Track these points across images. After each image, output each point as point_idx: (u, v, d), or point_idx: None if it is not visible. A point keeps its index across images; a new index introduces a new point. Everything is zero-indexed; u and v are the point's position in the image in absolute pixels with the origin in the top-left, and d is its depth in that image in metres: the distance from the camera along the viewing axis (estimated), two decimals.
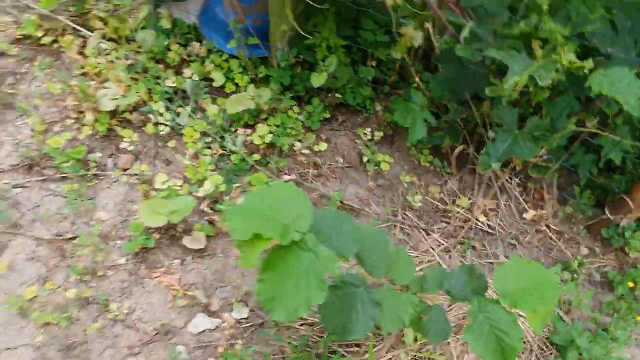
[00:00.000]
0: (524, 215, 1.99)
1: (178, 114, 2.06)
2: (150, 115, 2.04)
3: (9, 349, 1.52)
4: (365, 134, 2.11)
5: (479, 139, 1.96)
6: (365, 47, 2.17)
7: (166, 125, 2.02)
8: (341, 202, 1.90)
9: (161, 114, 2.03)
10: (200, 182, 1.83)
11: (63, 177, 1.87)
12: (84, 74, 2.16)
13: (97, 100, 1.95)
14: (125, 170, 1.92)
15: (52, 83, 2.11)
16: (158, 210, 1.63)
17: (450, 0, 1.56)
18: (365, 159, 2.01)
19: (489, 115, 1.86)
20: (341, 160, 2.06)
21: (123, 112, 2.01)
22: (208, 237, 1.76)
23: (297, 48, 2.08)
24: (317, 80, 1.92)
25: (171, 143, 1.99)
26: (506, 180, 1.97)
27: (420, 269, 1.76)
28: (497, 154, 1.58)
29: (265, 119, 2.06)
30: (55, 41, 2.25)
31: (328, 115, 2.14)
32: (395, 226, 1.90)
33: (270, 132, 1.94)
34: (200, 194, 1.78)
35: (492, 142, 1.62)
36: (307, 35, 2.01)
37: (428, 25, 1.79)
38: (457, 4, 1.60)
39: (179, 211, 1.62)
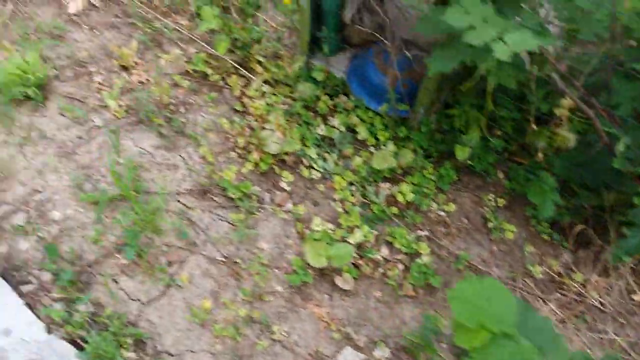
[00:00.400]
0: (633, 296, 2.17)
1: (324, 159, 2.37)
2: (303, 159, 2.35)
3: (191, 351, 1.85)
4: (489, 199, 2.34)
5: (602, 223, 2.16)
6: (496, 119, 2.41)
7: (317, 170, 2.32)
8: (468, 262, 2.15)
9: (313, 159, 2.34)
10: (350, 229, 2.12)
11: (230, 205, 2.20)
12: (245, 112, 2.50)
13: (262, 141, 2.27)
14: (279, 206, 2.24)
15: (218, 117, 2.46)
16: (320, 252, 1.93)
17: (606, 110, 1.78)
18: (490, 225, 2.25)
19: (616, 204, 2.06)
20: (466, 221, 2.31)
21: (281, 153, 2.33)
22: (353, 278, 2.04)
23: (438, 115, 2.34)
24: (462, 153, 2.18)
25: (320, 187, 2.29)
26: (621, 263, 2.16)
27: None
28: (630, 250, 1.79)
29: (403, 175, 2.33)
30: (222, 79, 2.60)
31: (455, 177, 2.39)
32: (514, 290, 2.13)
33: (412, 192, 2.21)
34: (351, 240, 2.07)
35: (624, 238, 1.83)
36: (449, 107, 2.28)
37: (564, 114, 2.02)
38: (611, 114, 1.82)
39: (340, 257, 1.91)
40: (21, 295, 1.86)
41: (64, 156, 2.26)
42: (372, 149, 2.42)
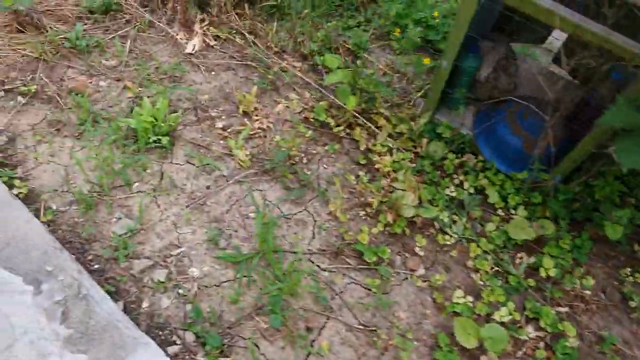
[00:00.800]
0: None
1: (454, 222, 2.32)
2: (434, 222, 2.31)
3: None
4: (626, 274, 2.27)
5: None
6: (630, 186, 2.34)
7: (448, 234, 2.28)
8: (613, 344, 2.08)
9: (444, 222, 2.30)
10: (491, 304, 2.08)
11: (364, 268, 2.18)
12: (369, 166, 2.48)
13: (397, 203, 2.24)
14: (412, 271, 2.21)
15: (343, 171, 2.45)
16: (469, 331, 1.89)
17: None
18: (633, 304, 2.18)
19: None
20: (602, 296, 2.24)
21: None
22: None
23: (580, 186, 2.27)
24: (613, 233, 2.12)
25: (452, 252, 2.25)
26: None
27: None
28: None
29: (537, 244, 2.27)
30: (343, 130, 2.59)
31: (589, 248, 2.32)
32: None
33: (555, 267, 2.15)
34: (496, 317, 2.02)
35: None
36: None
37: None
38: None
39: (494, 342, 1.87)
40: (170, 357, 1.87)
41: (196, 208, 2.27)
42: (500, 211, 2.37)
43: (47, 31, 2.75)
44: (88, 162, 2.32)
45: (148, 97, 2.58)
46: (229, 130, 2.57)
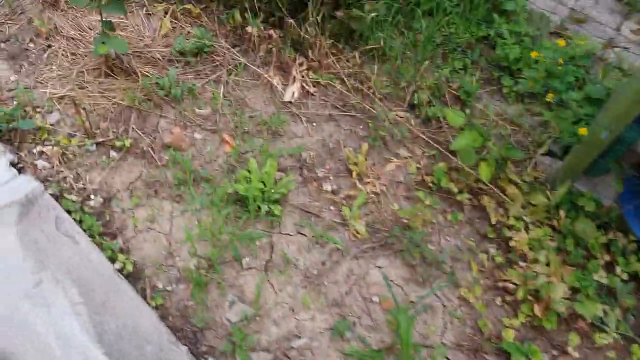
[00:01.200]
0: None
1: (605, 313, 2.07)
2: (584, 314, 2.07)
3: None
4: None
5: None
6: None
7: (604, 331, 2.03)
8: None
9: (595, 316, 2.05)
10: None
11: None
12: (499, 240, 2.25)
13: (544, 292, 2.01)
14: None
15: (471, 247, 2.22)
16: None
17: None
18: None
19: None
20: None
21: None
22: None
23: None
24: None
25: (610, 353, 2.00)
26: None
27: None
28: None
29: None
30: (469, 199, 2.36)
31: None
32: None
33: None
34: None
35: None
36: None
37: None
38: None
39: None
40: None
41: (312, 288, 2.07)
42: None
43: (137, 76, 2.61)
44: (190, 231, 2.15)
45: (247, 152, 2.41)
46: (339, 194, 2.36)
